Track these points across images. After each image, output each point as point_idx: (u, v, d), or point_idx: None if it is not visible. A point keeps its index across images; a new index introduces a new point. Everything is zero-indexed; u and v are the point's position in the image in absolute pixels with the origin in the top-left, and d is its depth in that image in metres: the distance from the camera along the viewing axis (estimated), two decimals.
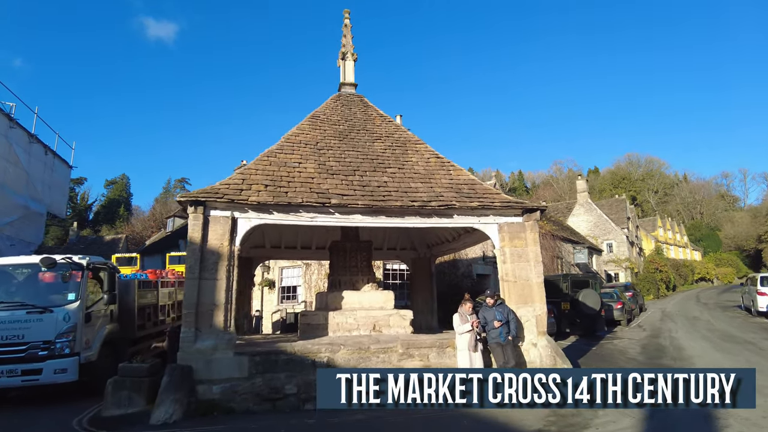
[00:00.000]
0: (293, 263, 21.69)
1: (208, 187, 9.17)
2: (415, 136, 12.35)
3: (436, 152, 11.81)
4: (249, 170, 9.88)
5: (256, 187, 9.34)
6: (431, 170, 11.10)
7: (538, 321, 9.88)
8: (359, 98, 13.60)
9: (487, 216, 10.21)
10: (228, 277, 8.79)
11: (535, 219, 10.29)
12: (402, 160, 11.30)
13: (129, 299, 11.53)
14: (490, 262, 23.63)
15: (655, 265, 45.70)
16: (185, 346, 8.29)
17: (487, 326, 9.28)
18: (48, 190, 26.96)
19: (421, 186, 10.36)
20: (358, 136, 11.96)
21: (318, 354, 8.69)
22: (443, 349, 9.33)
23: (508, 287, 10.04)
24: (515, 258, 10.10)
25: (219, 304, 8.62)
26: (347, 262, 12.39)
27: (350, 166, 10.64)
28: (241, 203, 8.91)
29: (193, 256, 8.62)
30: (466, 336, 8.95)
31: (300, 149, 10.93)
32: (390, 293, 11.97)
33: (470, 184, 10.81)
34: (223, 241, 8.86)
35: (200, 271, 8.64)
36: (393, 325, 11.27)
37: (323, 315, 10.97)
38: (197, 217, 8.78)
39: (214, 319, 8.55)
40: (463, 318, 9.12)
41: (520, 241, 10.21)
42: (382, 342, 9.35)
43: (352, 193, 9.65)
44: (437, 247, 15.38)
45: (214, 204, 8.93)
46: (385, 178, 10.45)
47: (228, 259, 8.83)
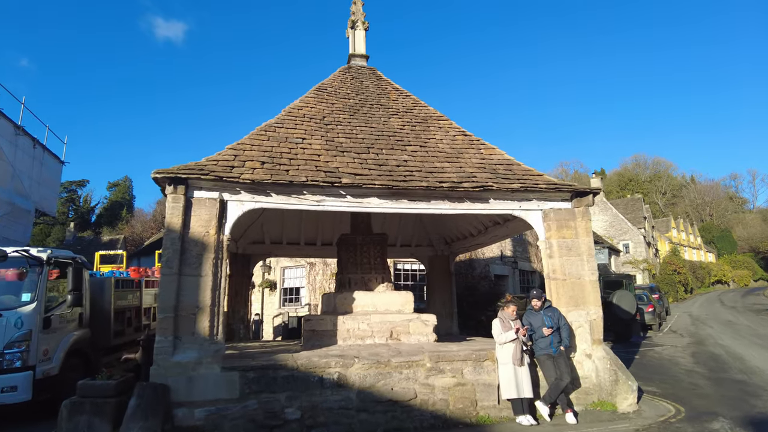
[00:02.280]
0: (296, 262, 20.00)
1: (192, 163, 7.49)
2: (438, 112, 10.65)
3: (463, 129, 10.11)
4: (243, 145, 8.20)
5: (251, 165, 7.66)
6: (459, 149, 9.39)
7: (592, 327, 8.13)
8: (371, 71, 11.92)
9: (530, 200, 8.49)
10: (215, 272, 7.10)
11: (587, 205, 8.56)
12: (423, 137, 9.60)
13: (104, 301, 9.84)
14: (509, 262, 21.90)
15: (673, 266, 43.78)
16: (160, 359, 6.59)
17: (535, 334, 7.55)
18: (36, 185, 25.33)
19: (448, 166, 8.65)
20: (372, 110, 10.27)
21: (326, 369, 6.97)
22: (480, 362, 7.58)
23: (555, 287, 8.30)
24: (564, 251, 8.37)
25: (203, 306, 6.93)
26: (358, 258, 10.68)
27: (363, 143, 8.95)
28: (231, 181, 7.23)
29: (171, 247, 6.93)
30: (509, 347, 7.22)
31: (304, 123, 9.25)
32: (409, 294, 10.25)
33: (506, 164, 9.10)
34: (209, 228, 7.17)
35: (180, 265, 6.95)
36: (413, 331, 9.55)
37: (331, 320, 9.26)
38: (177, 198, 7.10)
39: (197, 325, 6.86)
40: (505, 324, 7.39)
41: (570, 231, 8.47)
42: (405, 354, 7.62)
43: (367, 172, 7.95)
44: (458, 243, 13.66)
45: (199, 183, 7.25)
46: (405, 156, 8.75)
47: (215, 250, 7.14)
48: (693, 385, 9.21)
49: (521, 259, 22.42)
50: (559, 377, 7.26)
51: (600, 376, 7.86)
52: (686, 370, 10.80)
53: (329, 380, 6.90)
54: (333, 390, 6.91)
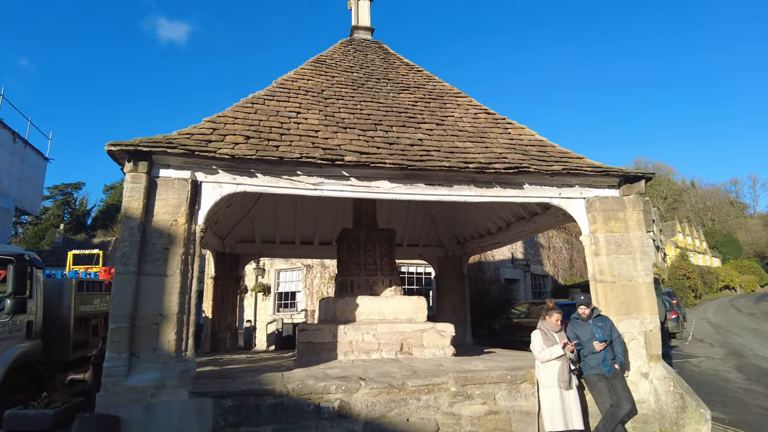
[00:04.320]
0: (292, 265, 18.51)
1: (159, 135, 6.03)
2: (454, 88, 9.21)
3: (485, 107, 8.68)
4: (224, 118, 6.75)
5: (232, 139, 6.21)
6: (482, 128, 7.95)
7: (648, 339, 6.67)
8: (377, 44, 10.50)
9: (572, 187, 7.05)
10: (185, 272, 5.63)
11: (638, 192, 7.13)
12: (440, 114, 8.17)
13: (62, 306, 8.32)
14: (520, 265, 20.45)
15: (683, 271, 42.33)
16: (110, 382, 5.09)
17: (583, 350, 6.09)
18: (17, 182, 23.78)
19: (471, 146, 7.21)
20: (379, 85, 8.84)
21: (325, 395, 5.47)
22: (517, 385, 6.11)
23: (603, 290, 6.85)
24: (612, 248, 6.92)
25: (169, 314, 5.45)
26: (362, 258, 9.21)
27: (369, 120, 7.51)
28: (206, 157, 5.77)
29: (129, 239, 5.46)
30: (554, 366, 5.74)
31: (299, 97, 7.81)
32: (421, 300, 8.78)
33: (538, 145, 7.66)
34: (178, 216, 5.70)
35: (140, 262, 5.47)
36: (427, 344, 8.07)
37: (330, 330, 7.78)
38: (137, 177, 5.63)
39: (160, 339, 5.37)
40: (547, 338, 5.92)
41: (618, 224, 7.03)
42: (423, 374, 6.12)
43: (375, 150, 6.51)
44: (472, 243, 12.20)
45: (165, 159, 5.79)
46: (420, 135, 7.31)
47: (185, 244, 5.67)
48: (764, 409, 7.74)
49: (533, 263, 20.97)
50: (616, 404, 5.78)
51: (661, 401, 6.38)
52: (742, 388, 9.32)
53: (328, 409, 5.41)
54: (333, 422, 5.42)
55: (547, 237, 22.06)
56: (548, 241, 22.33)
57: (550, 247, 22.53)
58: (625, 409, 5.76)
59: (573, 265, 23.66)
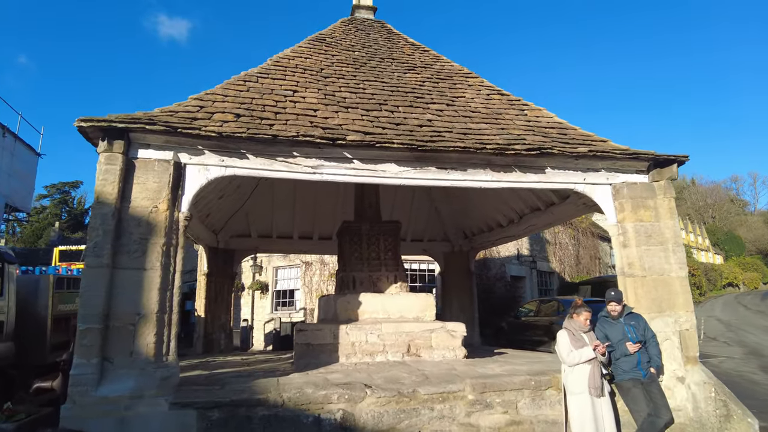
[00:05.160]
0: (290, 261, 17.83)
1: (139, 112, 5.34)
2: (464, 68, 8.53)
3: (498, 87, 8.01)
4: (212, 95, 6.07)
5: (221, 117, 5.54)
6: (496, 109, 7.28)
7: (684, 340, 6.02)
8: (380, 24, 9.82)
9: (597, 171, 6.38)
10: (166, 265, 4.95)
11: (670, 178, 6.47)
12: (450, 95, 7.49)
13: (38, 305, 7.68)
14: (526, 262, 19.79)
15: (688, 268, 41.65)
16: (78, 392, 4.42)
17: (615, 352, 5.42)
18: (6, 178, 23.06)
19: (486, 127, 6.55)
20: (383, 65, 8.17)
21: (325, 405, 4.80)
22: (540, 391, 5.44)
23: (633, 285, 6.19)
24: (642, 238, 6.26)
25: (148, 313, 4.78)
26: (365, 252, 8.55)
27: (373, 99, 6.84)
28: (190, 135, 5.09)
29: (101, 227, 4.78)
30: (583, 370, 5.07)
31: (296, 75, 7.13)
32: (429, 297, 8.12)
33: (558, 127, 6.99)
34: (159, 201, 5.03)
35: (114, 254, 4.80)
36: (437, 345, 7.41)
37: (331, 330, 7.11)
38: (112, 159, 4.95)
39: (137, 341, 4.70)
40: (575, 338, 5.25)
41: (648, 212, 6.37)
42: (435, 380, 5.45)
43: (380, 131, 5.84)
44: (480, 237, 11.53)
45: (145, 137, 5.11)
46: (429, 115, 6.64)
47: (166, 233, 5.00)
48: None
49: (539, 259, 20.31)
50: (654, 413, 5.12)
51: (700, 409, 5.73)
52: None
53: (330, 422, 4.74)
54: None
55: (553, 233, 21.40)
56: (554, 236, 21.67)
57: (557, 243, 21.87)
58: (665, 418, 5.10)
59: (579, 261, 23.01)
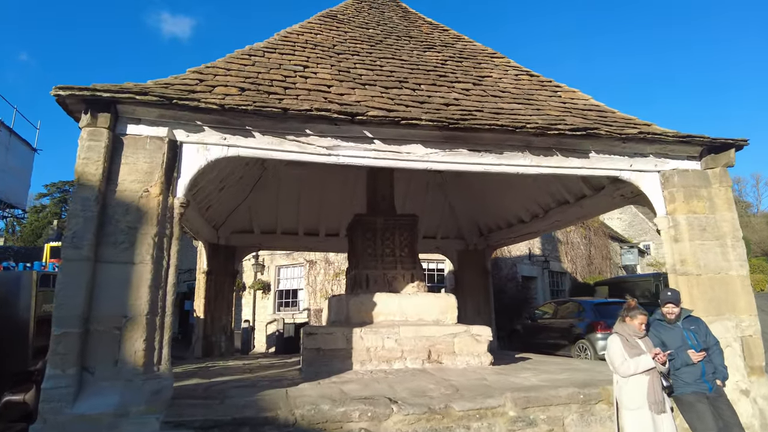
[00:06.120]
0: (293, 260, 17.11)
1: (129, 83, 4.64)
2: (488, 48, 7.83)
3: (526, 68, 7.30)
4: (213, 69, 5.37)
5: (223, 90, 4.84)
6: (527, 89, 6.58)
7: (747, 347, 5.32)
8: (394, 2, 9.13)
9: (645, 157, 5.68)
10: (158, 258, 4.24)
11: (726, 164, 5.76)
12: (475, 74, 6.79)
13: (18, 306, 6.93)
14: (538, 262, 19.08)
15: None
16: (50, 409, 3.70)
17: (674, 361, 4.71)
18: (1, 174, 22.47)
19: (519, 108, 5.85)
20: (400, 43, 7.47)
21: (345, 424, 4.08)
22: (589, 406, 4.73)
23: (687, 285, 5.48)
24: (697, 232, 5.55)
25: (136, 314, 4.07)
26: (378, 248, 7.84)
27: (393, 77, 6.13)
28: (188, 107, 4.39)
29: (82, 214, 4.07)
30: (640, 381, 4.35)
31: (306, 50, 6.43)
32: (450, 298, 7.41)
33: (596, 110, 6.29)
34: (151, 185, 4.32)
35: (97, 245, 4.10)
36: (460, 351, 6.70)
37: (344, 334, 6.40)
38: (96, 134, 4.25)
39: (123, 348, 3.99)
40: (629, 344, 4.53)
41: (702, 203, 5.66)
42: (468, 394, 4.73)
43: (404, 108, 5.14)
44: (498, 234, 10.83)
45: (134, 110, 4.41)
46: (455, 94, 5.94)
47: (159, 221, 4.29)
48: None
49: (552, 259, 19.60)
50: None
51: None
52: None
53: None
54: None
55: (565, 232, 20.68)
56: (566, 236, 20.96)
57: (569, 242, 21.15)
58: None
59: (591, 261, 22.28)
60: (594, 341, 9.72)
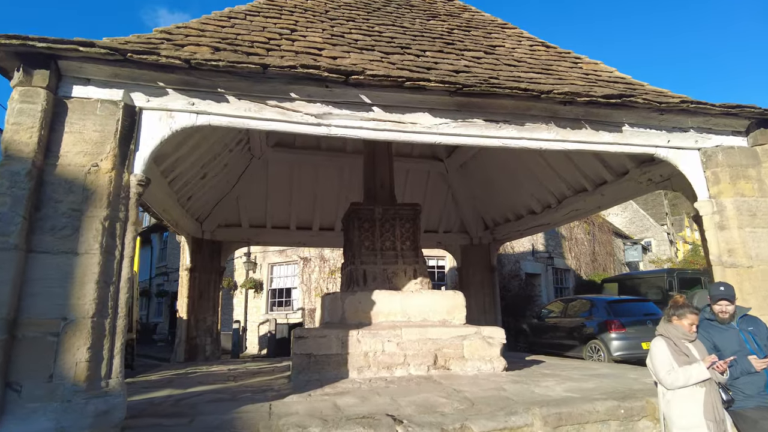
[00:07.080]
0: (287, 258, 16.32)
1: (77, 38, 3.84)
2: (498, 18, 7.07)
3: (541, 39, 6.54)
4: (185, 29, 4.57)
5: (193, 49, 4.04)
6: (544, 60, 5.81)
7: None
8: None
9: (685, 131, 4.93)
10: (110, 247, 3.45)
11: None
12: (486, 43, 6.02)
13: None
14: (542, 258, 18.36)
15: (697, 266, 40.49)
16: None
17: (733, 369, 3.95)
18: None
19: (539, 77, 5.07)
20: (400, 11, 6.70)
21: None
22: (632, 422, 3.96)
23: (736, 278, 4.72)
24: (746, 218, 4.80)
25: (80, 316, 3.27)
26: (377, 241, 7.06)
27: (393, 42, 5.35)
28: (146, 62, 3.59)
29: (9, 192, 3.27)
30: (695, 395, 3.59)
31: (294, 14, 5.65)
32: (458, 295, 6.64)
33: (623, 82, 5.52)
34: (101, 158, 3.53)
35: (29, 231, 3.30)
36: (470, 355, 5.92)
37: (338, 338, 5.60)
38: (31, 95, 3.45)
39: (61, 359, 3.20)
40: (678, 350, 3.77)
41: (750, 184, 4.92)
42: (486, 408, 3.95)
43: (407, 73, 4.36)
44: (504, 227, 10.07)
45: (82, 68, 3.62)
46: (464, 62, 5.16)
47: (111, 202, 3.49)
48: None
49: (555, 255, 18.89)
50: None
51: None
52: None
53: None
54: None
55: (569, 227, 19.97)
56: (570, 232, 20.25)
57: (572, 238, 20.44)
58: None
59: (596, 258, 21.59)
60: (607, 341, 9.02)
